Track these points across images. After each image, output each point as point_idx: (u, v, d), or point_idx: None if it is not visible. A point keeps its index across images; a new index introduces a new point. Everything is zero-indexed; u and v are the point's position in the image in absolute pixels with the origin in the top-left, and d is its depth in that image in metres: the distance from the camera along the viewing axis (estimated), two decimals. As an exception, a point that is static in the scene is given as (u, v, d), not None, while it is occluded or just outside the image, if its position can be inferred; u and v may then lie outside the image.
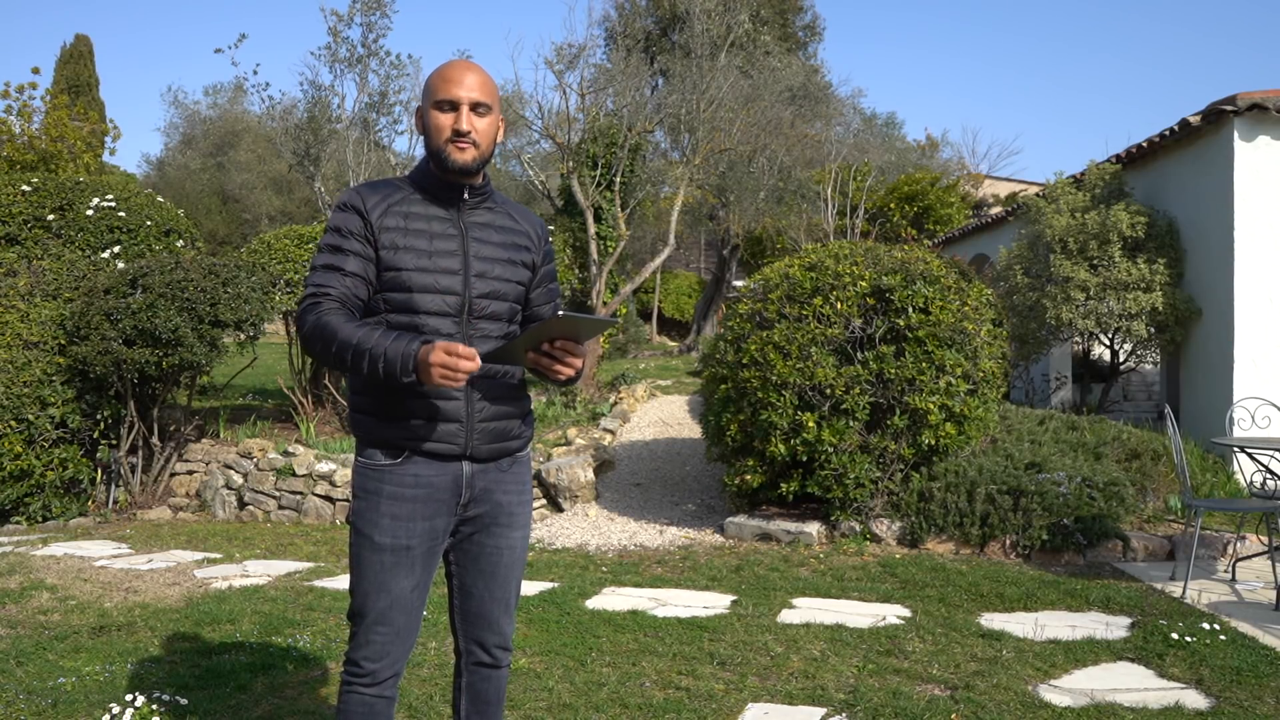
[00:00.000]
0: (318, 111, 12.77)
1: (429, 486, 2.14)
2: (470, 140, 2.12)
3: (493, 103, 2.16)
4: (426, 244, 2.13)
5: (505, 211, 2.29)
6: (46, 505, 7.22)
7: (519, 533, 2.29)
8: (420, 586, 2.17)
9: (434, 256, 2.12)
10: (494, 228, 2.23)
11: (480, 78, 2.14)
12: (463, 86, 2.12)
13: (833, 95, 21.16)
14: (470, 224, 2.20)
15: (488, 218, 2.24)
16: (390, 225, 2.13)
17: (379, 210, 2.13)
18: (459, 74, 2.13)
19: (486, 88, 2.15)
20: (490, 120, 2.17)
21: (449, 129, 2.12)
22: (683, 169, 12.99)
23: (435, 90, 2.13)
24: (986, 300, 6.32)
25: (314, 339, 2.02)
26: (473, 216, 2.21)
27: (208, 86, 41.26)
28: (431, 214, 2.17)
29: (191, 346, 7.05)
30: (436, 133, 2.13)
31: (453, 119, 2.12)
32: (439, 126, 2.13)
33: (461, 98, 2.11)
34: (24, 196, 8.96)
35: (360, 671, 2.15)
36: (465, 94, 2.11)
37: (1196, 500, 5.19)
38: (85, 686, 3.55)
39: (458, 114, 2.12)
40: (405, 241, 2.12)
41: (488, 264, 2.18)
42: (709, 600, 4.83)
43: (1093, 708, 3.34)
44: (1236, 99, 7.47)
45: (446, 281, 2.12)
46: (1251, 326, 7.64)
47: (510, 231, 2.26)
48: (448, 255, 2.14)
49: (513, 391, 2.24)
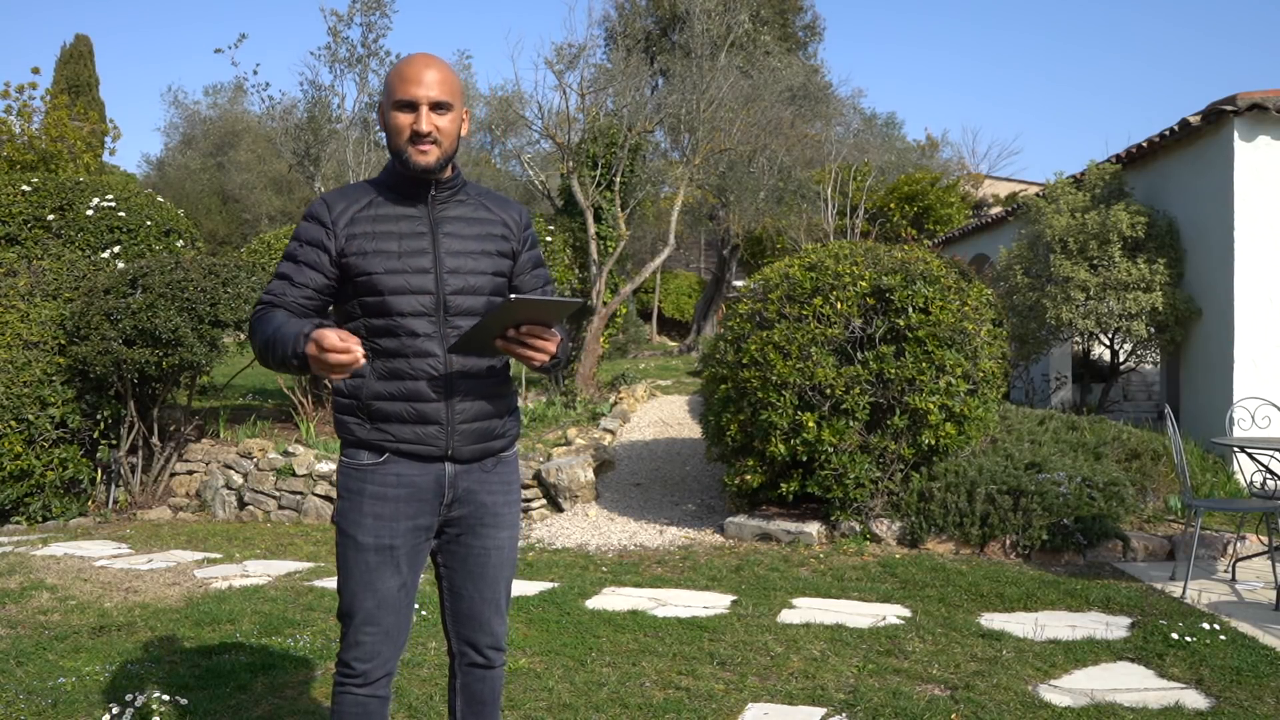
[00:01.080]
0: (318, 111, 12.76)
1: (411, 486, 2.14)
2: (430, 140, 2.10)
3: (454, 99, 2.13)
4: (396, 245, 2.12)
5: (480, 203, 2.26)
6: (46, 505, 7.22)
7: (506, 533, 2.27)
8: (407, 586, 2.17)
9: (404, 257, 2.11)
10: (466, 220, 2.21)
11: (440, 74, 2.11)
12: (421, 85, 2.08)
13: (833, 95, 21.16)
14: (441, 219, 2.18)
15: (460, 211, 2.21)
16: (358, 231, 2.12)
17: (345, 218, 2.13)
18: (417, 72, 2.10)
19: (446, 84, 2.11)
20: (452, 117, 2.13)
21: (408, 130, 2.09)
22: (683, 169, 12.99)
23: (394, 89, 2.10)
24: (986, 300, 6.32)
25: (252, 341, 2.12)
26: (444, 211, 2.19)
27: (208, 86, 41.25)
28: (400, 213, 2.16)
29: (191, 346, 7.05)
30: (397, 133, 2.11)
31: (412, 119, 2.09)
32: (399, 127, 2.10)
33: (420, 97, 2.08)
34: (24, 196, 8.96)
35: (352, 672, 2.15)
36: (424, 93, 2.08)
37: (1196, 500, 5.19)
38: (85, 686, 3.56)
39: (417, 115, 2.09)
40: (374, 245, 2.11)
41: (459, 259, 2.16)
42: (709, 600, 4.83)
43: (1093, 708, 3.34)
44: (1236, 99, 7.47)
45: (419, 281, 2.11)
46: (1251, 326, 7.64)
47: (484, 223, 2.23)
48: (418, 254, 2.12)
49: (496, 390, 2.21)
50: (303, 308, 2.13)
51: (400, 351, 2.10)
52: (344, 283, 2.15)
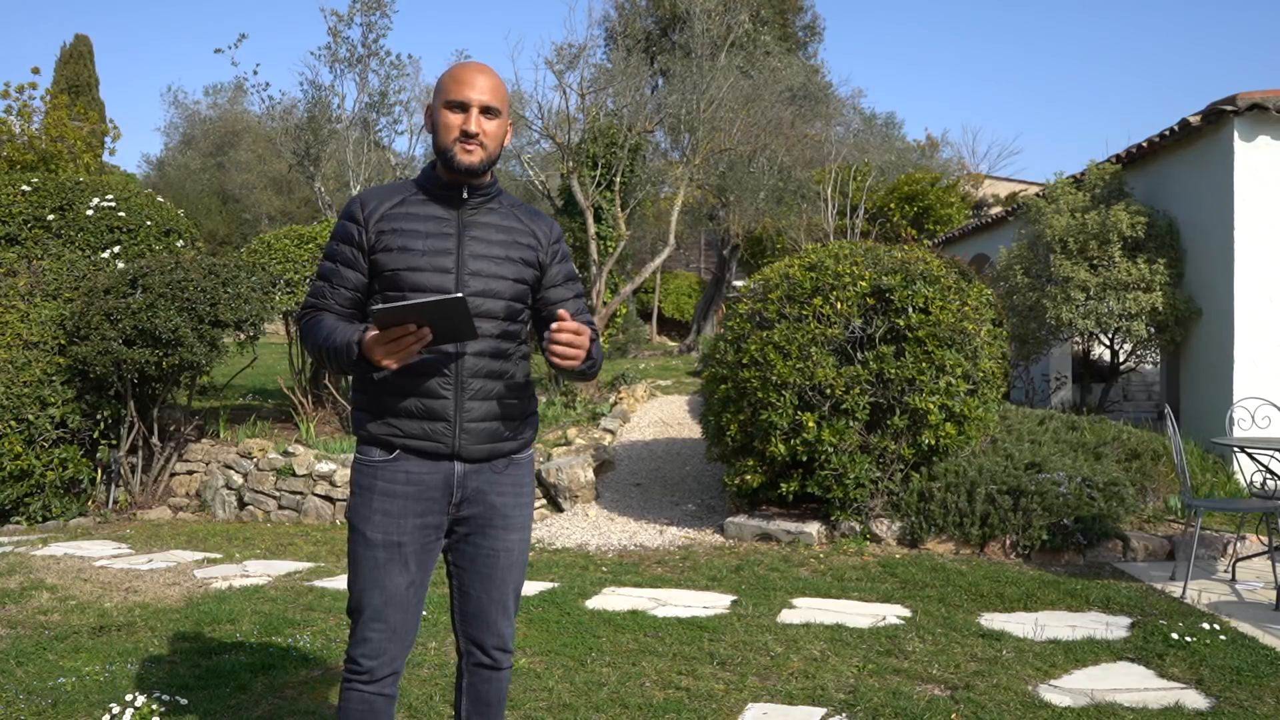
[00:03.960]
0: (318, 111, 12.77)
1: (420, 484, 2.16)
2: (478, 142, 2.16)
3: (502, 107, 2.20)
4: (421, 244, 2.17)
5: (512, 213, 2.30)
6: (46, 505, 7.22)
7: (516, 535, 2.28)
8: (416, 584, 2.18)
9: (426, 255, 2.16)
10: (495, 227, 2.24)
11: (492, 81, 2.18)
12: (474, 89, 2.15)
13: (833, 95, 21.17)
14: (469, 223, 2.22)
15: (490, 218, 2.25)
16: (388, 228, 2.18)
17: (377, 215, 2.19)
18: (471, 76, 2.17)
19: (497, 92, 2.19)
20: (499, 124, 2.20)
21: (457, 129, 2.15)
22: (683, 169, 13.00)
23: (446, 90, 2.17)
24: (986, 300, 6.32)
25: (305, 345, 2.25)
26: (474, 216, 2.23)
27: (208, 86, 41.32)
28: (430, 214, 2.20)
29: (191, 346, 7.05)
30: (445, 131, 2.17)
31: (461, 120, 2.15)
32: (448, 125, 2.16)
33: (472, 100, 2.15)
34: (24, 196, 8.96)
35: (359, 669, 2.17)
36: (476, 96, 2.15)
37: (1196, 500, 5.19)
38: (85, 686, 3.55)
39: (467, 115, 2.15)
40: (400, 242, 2.16)
41: (482, 262, 2.19)
42: (709, 600, 4.83)
43: (1093, 708, 3.34)
44: (1236, 99, 7.47)
45: (438, 280, 2.14)
46: (1251, 326, 7.64)
47: (513, 231, 2.26)
48: (441, 254, 2.16)
49: (510, 393, 2.23)
50: (344, 307, 2.22)
51: None
52: (372, 278, 2.21)
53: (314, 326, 2.18)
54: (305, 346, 2.22)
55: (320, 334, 2.15)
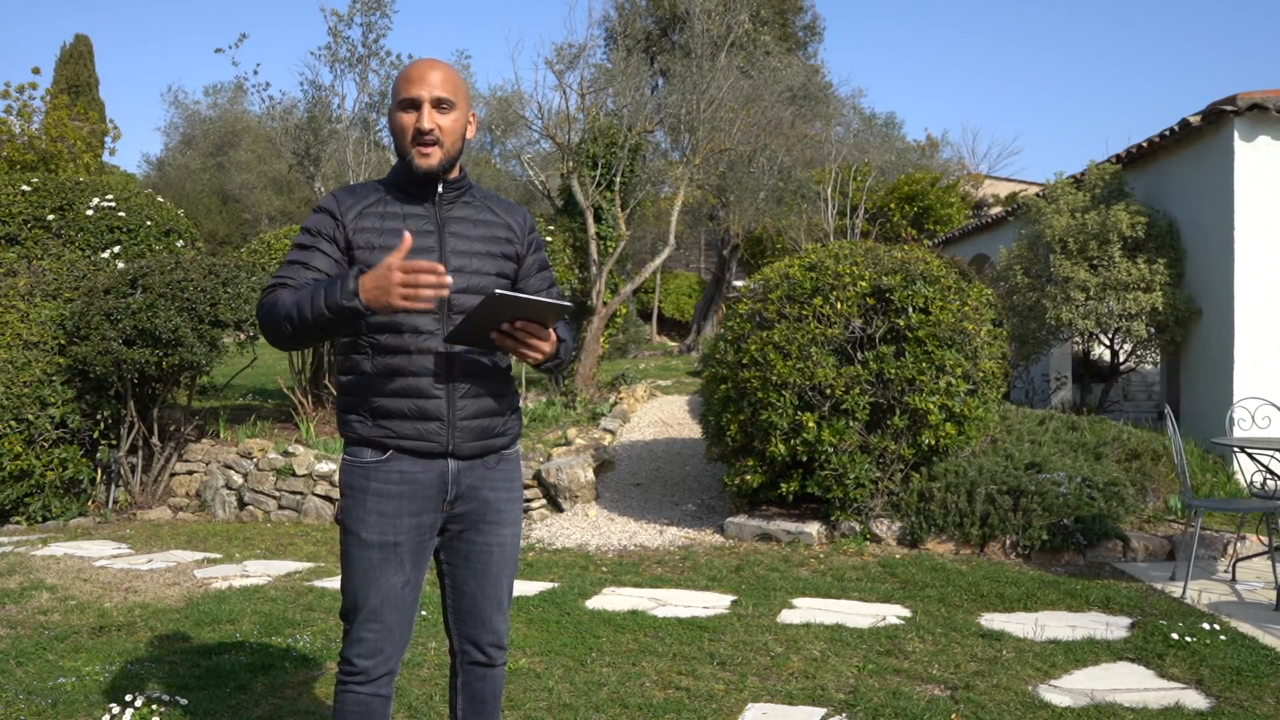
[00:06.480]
0: (318, 111, 12.77)
1: (414, 483, 2.15)
2: (433, 139, 2.11)
3: (458, 99, 2.14)
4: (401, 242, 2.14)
5: (485, 205, 2.28)
6: (46, 505, 7.22)
7: (508, 530, 2.28)
8: (411, 584, 2.18)
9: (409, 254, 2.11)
10: (471, 221, 2.23)
11: (443, 74, 2.13)
12: (424, 84, 2.11)
13: (833, 95, 21.17)
14: (447, 219, 2.20)
15: (466, 212, 2.23)
16: (366, 227, 2.15)
17: (353, 213, 2.16)
18: (421, 72, 2.12)
19: (450, 83, 2.13)
20: (455, 116, 2.15)
21: (411, 129, 2.11)
22: (683, 169, 12.99)
23: (398, 90, 2.13)
24: (986, 300, 6.32)
25: (265, 318, 2.07)
26: (450, 212, 2.21)
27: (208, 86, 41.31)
28: (408, 213, 2.18)
29: (191, 346, 7.05)
30: (401, 134, 2.13)
31: (414, 118, 2.11)
32: (403, 128, 2.13)
33: (422, 95, 2.10)
34: (24, 196, 8.96)
35: (354, 669, 2.15)
36: (426, 91, 2.10)
37: (1196, 500, 5.19)
38: (85, 686, 3.55)
39: (419, 113, 2.11)
40: (380, 241, 2.13)
41: (464, 258, 2.18)
42: (709, 600, 4.83)
43: (1093, 708, 3.34)
44: (1236, 99, 7.47)
45: None
46: (1251, 326, 7.64)
47: (489, 225, 2.25)
48: (423, 252, 2.13)
49: (497, 388, 2.23)
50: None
51: (403, 348, 2.12)
52: None
53: (281, 297, 2.05)
54: (264, 321, 2.07)
55: (293, 296, 2.02)
